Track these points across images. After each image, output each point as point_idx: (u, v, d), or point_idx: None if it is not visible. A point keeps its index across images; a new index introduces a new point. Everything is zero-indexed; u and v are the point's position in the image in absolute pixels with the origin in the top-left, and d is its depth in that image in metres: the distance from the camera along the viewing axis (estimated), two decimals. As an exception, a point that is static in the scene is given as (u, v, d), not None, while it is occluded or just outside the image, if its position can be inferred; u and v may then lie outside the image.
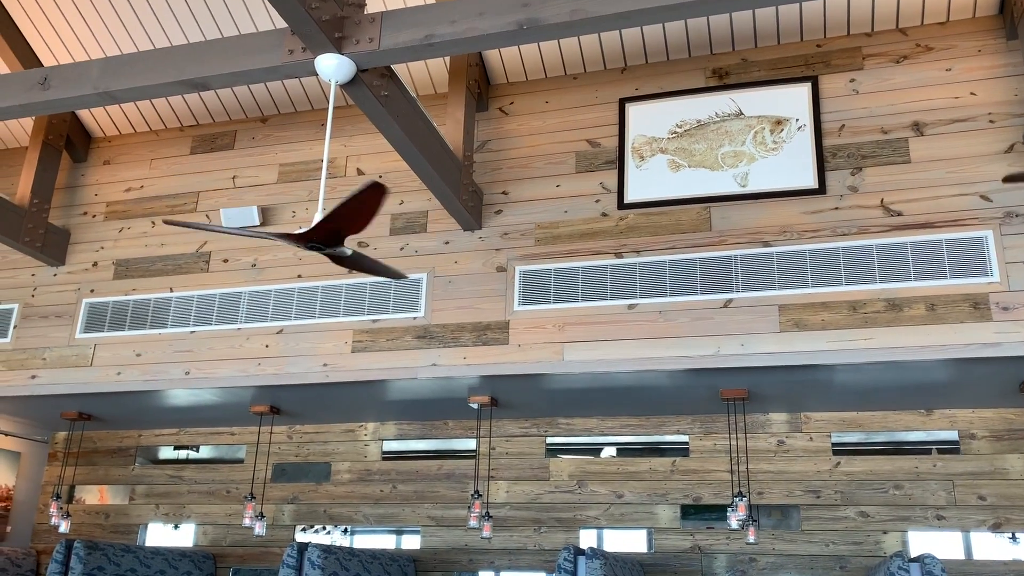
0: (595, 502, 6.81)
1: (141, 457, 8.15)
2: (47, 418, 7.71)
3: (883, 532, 6.10)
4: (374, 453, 7.53)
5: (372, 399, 6.74)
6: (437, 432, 7.42)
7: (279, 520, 7.49)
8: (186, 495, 7.86)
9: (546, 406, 6.77)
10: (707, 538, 6.46)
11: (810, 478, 6.35)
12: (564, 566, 5.31)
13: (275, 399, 6.82)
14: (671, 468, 6.71)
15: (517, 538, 6.89)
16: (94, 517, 8.02)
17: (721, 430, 6.61)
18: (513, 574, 6.87)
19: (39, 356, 6.78)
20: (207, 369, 6.37)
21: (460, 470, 7.22)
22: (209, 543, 7.66)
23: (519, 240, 6.04)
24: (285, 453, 7.71)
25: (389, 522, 7.30)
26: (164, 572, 6.98)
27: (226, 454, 7.99)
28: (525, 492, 7.00)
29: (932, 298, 5.10)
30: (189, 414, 7.42)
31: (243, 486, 7.56)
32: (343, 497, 7.45)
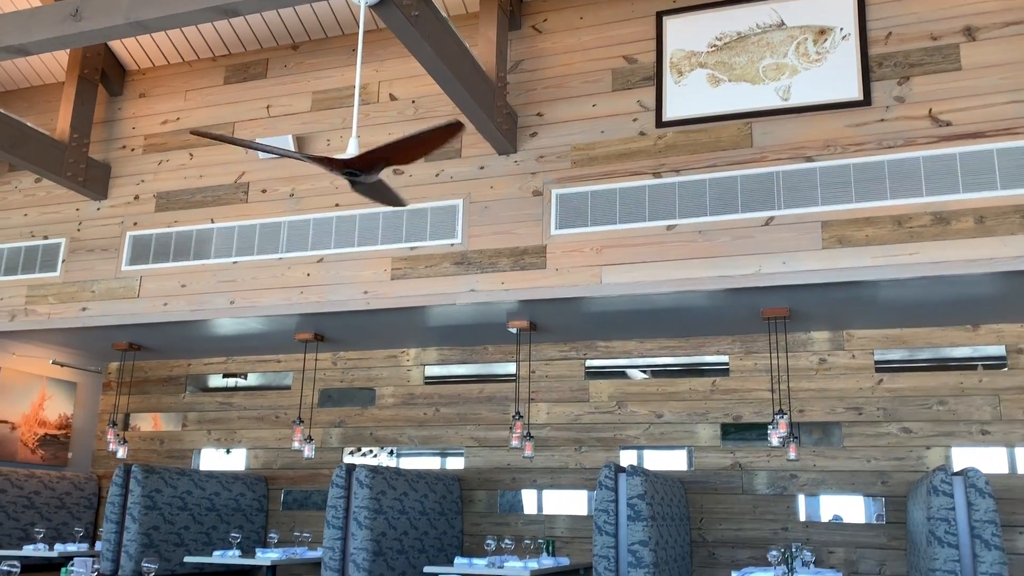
0: (635, 422, 6.88)
1: (191, 385, 8.39)
2: (99, 349, 7.94)
3: (926, 448, 6.10)
4: (417, 378, 7.66)
5: (412, 325, 6.82)
6: (477, 357, 7.51)
7: (327, 443, 7.70)
8: (236, 421, 8.10)
9: (585, 329, 6.79)
10: (747, 455, 6.52)
11: (852, 395, 6.33)
12: (605, 483, 5.40)
13: (318, 327, 6.93)
14: (711, 388, 6.73)
15: (558, 457, 7.01)
16: (149, 443, 8.33)
17: (762, 349, 6.59)
18: (555, 492, 7.03)
19: (88, 289, 6.95)
20: (251, 298, 6.48)
21: (501, 393, 7.33)
22: (261, 466, 7.92)
23: (555, 163, 5.97)
24: (331, 379, 7.88)
25: (433, 443, 7.47)
26: (218, 494, 7.25)
27: (273, 381, 8.19)
28: (565, 413, 7.09)
29: (981, 210, 4.96)
30: (236, 343, 7.59)
31: (291, 411, 7.76)
32: (388, 420, 7.63)
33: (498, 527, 7.00)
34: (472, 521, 7.17)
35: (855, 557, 6.10)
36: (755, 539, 6.30)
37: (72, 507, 7.79)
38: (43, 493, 7.54)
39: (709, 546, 6.46)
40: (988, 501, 4.53)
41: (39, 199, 7.38)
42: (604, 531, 5.32)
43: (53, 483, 7.68)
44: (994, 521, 4.51)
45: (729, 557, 6.33)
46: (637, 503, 5.29)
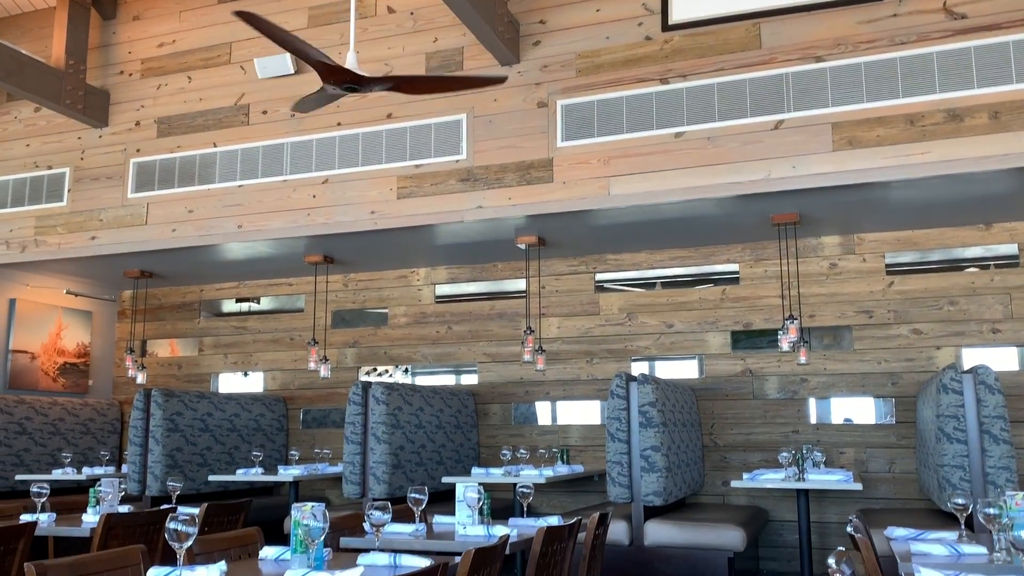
0: (645, 333, 6.93)
1: (205, 311, 8.47)
2: (111, 277, 7.99)
3: (936, 348, 6.13)
4: (428, 297, 7.70)
5: (421, 244, 6.82)
6: (487, 274, 7.53)
7: (342, 363, 7.80)
8: (252, 344, 8.20)
9: (594, 243, 6.78)
10: (758, 361, 6.57)
11: (863, 299, 6.34)
12: (617, 392, 5.47)
13: (327, 248, 6.94)
14: (721, 296, 6.74)
15: (570, 370, 7.09)
16: (168, 368, 8.46)
17: (771, 256, 6.57)
18: (568, 403, 7.13)
19: (96, 217, 6.95)
20: (258, 222, 6.47)
21: (512, 309, 7.37)
22: (278, 387, 8.06)
23: (559, 72, 5.85)
24: (343, 300, 7.93)
25: (447, 360, 7.56)
26: (238, 415, 7.40)
27: (286, 304, 8.25)
28: (576, 327, 7.14)
29: (996, 105, 4.85)
30: (246, 267, 7.62)
31: (305, 333, 7.84)
32: (401, 339, 7.70)
33: (513, 438, 7.14)
34: (487, 434, 7.31)
35: (865, 457, 6.20)
36: (766, 442, 6.41)
37: (96, 432, 7.98)
38: (67, 420, 7.71)
39: (721, 450, 6.58)
40: (997, 397, 4.58)
41: (40, 129, 7.32)
42: (616, 438, 5.41)
43: (76, 410, 7.84)
44: (1003, 416, 4.56)
45: (740, 460, 6.46)
46: (648, 410, 5.37)
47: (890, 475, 6.13)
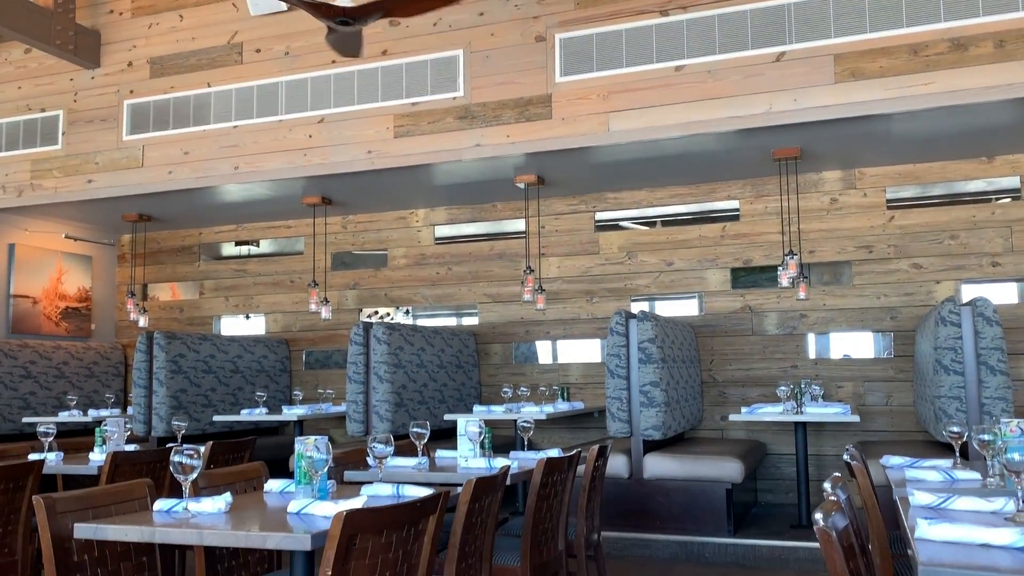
0: (645, 271, 6.93)
1: (204, 254, 8.46)
2: (110, 221, 7.96)
3: (936, 283, 6.13)
4: (427, 238, 7.68)
5: (419, 184, 6.78)
6: (486, 215, 7.50)
7: (343, 305, 7.83)
8: (252, 287, 8.22)
9: (593, 181, 6.73)
10: (757, 298, 6.59)
11: (863, 234, 6.32)
12: (616, 329, 5.50)
13: (325, 189, 6.90)
14: (721, 234, 6.73)
15: (570, 309, 7.12)
16: (169, 312, 8.49)
17: (772, 192, 6.53)
18: (568, 342, 7.17)
19: (91, 161, 6.90)
20: (254, 163, 6.42)
21: (511, 250, 7.36)
22: (280, 330, 8.10)
23: (557, 5, 5.73)
24: (342, 243, 7.92)
25: (447, 302, 7.58)
26: (241, 356, 7.45)
27: (285, 247, 8.24)
28: (576, 266, 7.14)
29: (1001, 34, 4.76)
30: (244, 209, 7.59)
31: (305, 276, 7.84)
32: (401, 281, 7.71)
33: (514, 377, 7.20)
34: (488, 373, 7.37)
35: (863, 390, 6.26)
36: (765, 378, 6.46)
37: (101, 376, 8.05)
38: (71, 363, 7.77)
39: (719, 386, 6.64)
40: (995, 329, 4.60)
41: (31, 71, 7.21)
42: (616, 374, 5.46)
43: (80, 354, 7.90)
44: (1000, 348, 4.59)
45: (739, 395, 6.52)
46: (648, 346, 5.40)
47: (887, 408, 6.20)
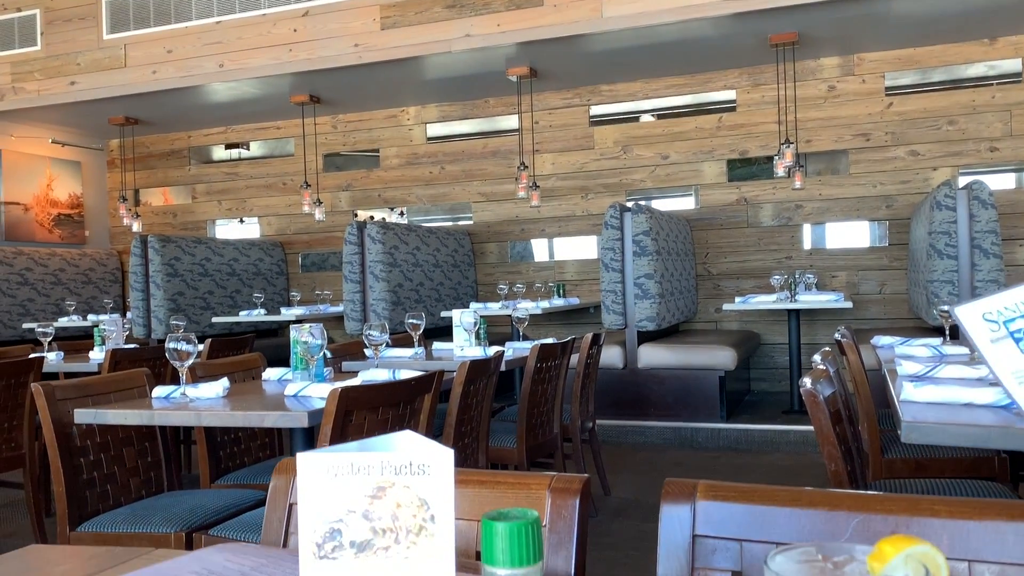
0: (641, 165, 6.86)
1: (195, 158, 8.35)
2: (96, 125, 7.82)
3: (933, 169, 6.08)
4: (419, 137, 7.57)
5: (409, 79, 6.63)
6: (479, 111, 7.36)
7: (337, 207, 7.78)
8: (244, 190, 8.14)
9: (587, 72, 6.58)
10: (753, 189, 6.54)
11: (860, 121, 6.23)
12: (611, 222, 5.48)
13: (312, 87, 6.75)
14: (717, 125, 6.62)
15: (565, 206, 7.07)
16: (163, 217, 8.44)
17: (769, 81, 6.40)
18: (564, 239, 7.16)
19: (73, 61, 6.72)
20: (239, 60, 6.26)
21: (505, 147, 7.26)
22: (275, 233, 8.07)
23: None
24: (333, 143, 7.80)
25: (441, 201, 7.53)
26: (237, 260, 7.45)
27: (276, 149, 8.13)
28: (570, 162, 7.06)
29: (1010, -96, 4.57)
30: (232, 110, 7.45)
31: (296, 178, 7.76)
32: (394, 181, 7.64)
33: (510, 275, 7.22)
34: (485, 272, 7.39)
35: (857, 279, 6.29)
36: (759, 269, 6.48)
37: (98, 282, 8.06)
38: (68, 270, 7.77)
39: (714, 278, 6.66)
40: (990, 212, 4.58)
41: (2, -32, 6.95)
42: (611, 268, 5.47)
43: (75, 260, 7.89)
44: (995, 231, 4.58)
45: (734, 287, 6.55)
46: (642, 239, 5.39)
47: (880, 296, 6.24)
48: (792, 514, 0.90)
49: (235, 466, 2.91)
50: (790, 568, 0.49)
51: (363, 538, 0.54)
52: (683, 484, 0.95)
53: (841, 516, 0.88)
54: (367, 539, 0.54)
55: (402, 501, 0.54)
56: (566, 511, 0.98)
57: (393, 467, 0.55)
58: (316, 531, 0.54)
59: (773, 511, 0.91)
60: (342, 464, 0.55)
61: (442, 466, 0.55)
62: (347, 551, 0.54)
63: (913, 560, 0.48)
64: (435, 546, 0.55)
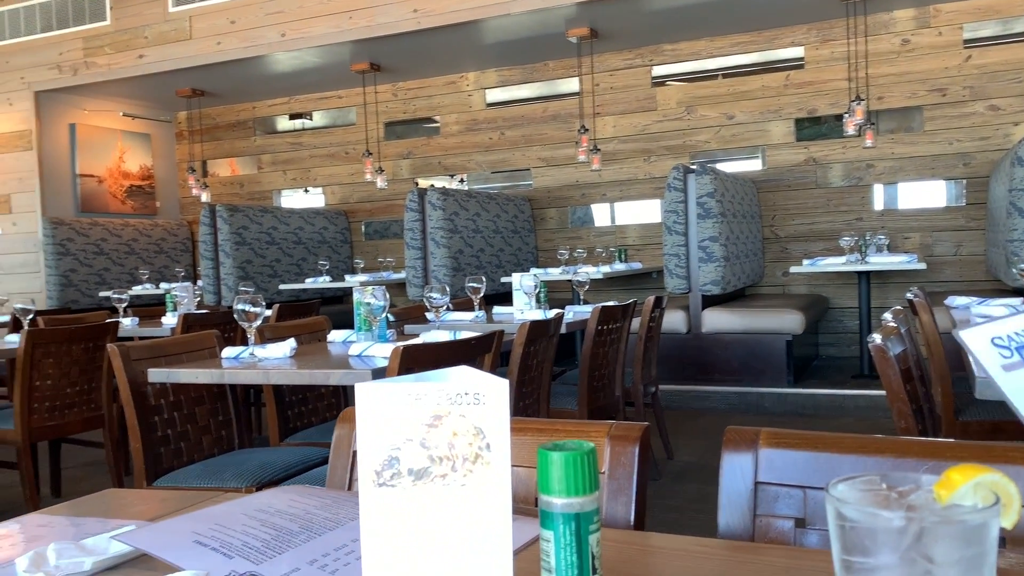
0: (705, 126, 6.72)
1: (260, 129, 8.49)
2: (164, 98, 8.00)
3: (1014, 124, 5.81)
4: (478, 103, 7.55)
5: (468, 44, 6.60)
6: (538, 75, 7.30)
7: (398, 175, 7.83)
8: (308, 160, 8.26)
9: (649, 31, 6.45)
10: (822, 149, 6.35)
11: (936, 76, 5.97)
12: (674, 184, 5.39)
13: (372, 54, 6.78)
14: (784, 83, 6.44)
15: (627, 169, 6.99)
16: (230, 187, 8.63)
17: (839, 36, 6.17)
18: (625, 203, 7.09)
19: (140, 35, 6.87)
20: (301, 28, 6.32)
21: (565, 111, 7.19)
22: (338, 202, 8.18)
23: None
24: (393, 111, 7.84)
25: (500, 166, 7.51)
26: (302, 228, 7.58)
27: (338, 118, 8.21)
28: (632, 124, 6.95)
29: None
30: (294, 80, 7.53)
31: (359, 146, 7.83)
32: (454, 148, 7.65)
33: (571, 240, 7.18)
34: (545, 237, 7.37)
35: (931, 240, 6.08)
36: (828, 231, 6.31)
37: (169, 251, 8.31)
38: (140, 240, 8.02)
39: (781, 241, 6.52)
40: (1076, 167, 4.35)
41: (73, -55, 7.12)
42: (674, 231, 5.39)
43: (148, 230, 8.13)
44: (1081, 187, 4.36)
45: (802, 250, 6.40)
46: (707, 201, 5.30)
47: (956, 258, 6.02)
48: (858, 461, 0.87)
49: (303, 425, 2.99)
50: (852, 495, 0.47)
51: (420, 466, 0.55)
52: (745, 431, 0.94)
53: (909, 463, 0.85)
54: (424, 467, 0.55)
55: (458, 430, 0.54)
56: (625, 458, 0.97)
57: (449, 397, 0.55)
58: (375, 459, 0.55)
59: (838, 458, 0.88)
60: (399, 393, 0.55)
61: (497, 396, 0.55)
62: (405, 478, 0.55)
63: (983, 488, 0.46)
64: (491, 474, 0.55)
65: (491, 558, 0.55)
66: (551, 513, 0.55)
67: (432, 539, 0.55)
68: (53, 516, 1.01)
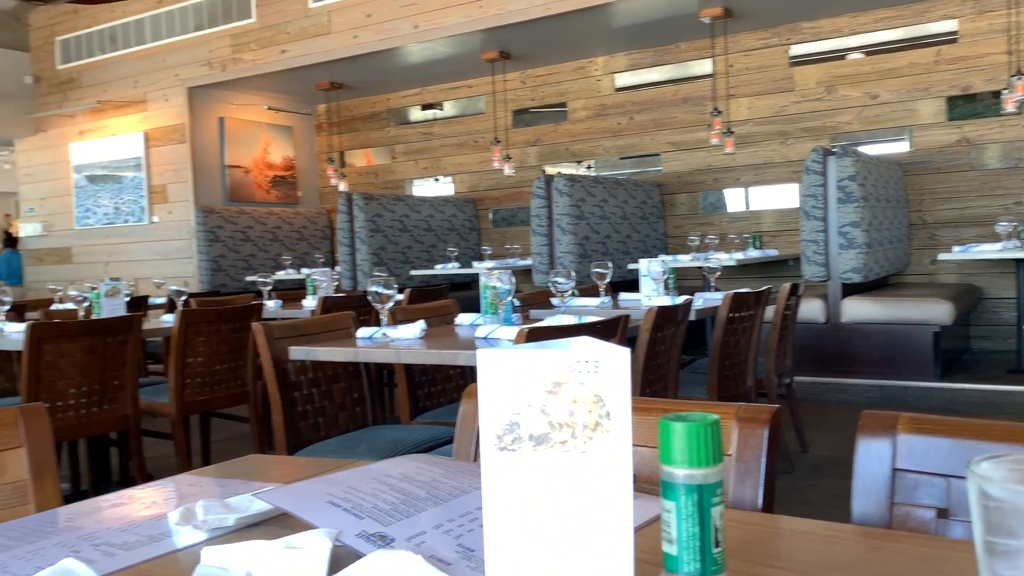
0: (846, 107, 6.40)
1: (393, 120, 8.74)
2: (305, 91, 8.36)
3: None
4: (607, 88, 7.48)
5: (598, 28, 6.55)
6: (669, 57, 7.16)
7: (525, 162, 7.88)
8: (439, 149, 8.44)
9: (787, 8, 6.20)
10: (977, 129, 5.93)
11: (1111, 46, 5.46)
12: (813, 167, 5.17)
13: (502, 42, 6.84)
14: (935, 59, 6.04)
15: (762, 153, 6.76)
16: (366, 177, 8.93)
17: (998, 6, 5.73)
18: (760, 188, 6.86)
19: (283, 31, 7.20)
20: (433, 20, 6.45)
21: (697, 93, 7.02)
22: (467, 190, 8.32)
23: None
24: (521, 98, 7.89)
25: (629, 151, 7.42)
26: (432, 216, 7.77)
27: (467, 108, 8.34)
28: (768, 106, 6.71)
29: None
30: (426, 71, 7.71)
31: (487, 135, 7.93)
32: (582, 134, 7.62)
33: (702, 227, 7.02)
34: (675, 224, 7.24)
35: (1102, 227, 5.57)
36: (983, 217, 5.90)
37: (310, 238, 8.70)
38: (284, 228, 8.44)
39: (929, 227, 6.14)
40: None
41: (223, -52, 7.53)
42: (812, 216, 5.18)
43: (290, 219, 8.55)
44: None
45: (952, 236, 6.00)
46: (847, 184, 5.06)
47: None
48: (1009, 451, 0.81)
49: (432, 405, 3.07)
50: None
51: (540, 431, 0.55)
52: (882, 416, 0.89)
53: (1071, 454, 0.79)
54: (544, 432, 0.55)
55: (578, 397, 0.54)
56: (754, 440, 0.94)
57: (569, 364, 0.55)
58: (496, 423, 0.56)
59: (985, 447, 0.83)
60: (520, 360, 0.56)
61: (617, 364, 0.55)
62: (526, 443, 0.55)
63: None
64: (611, 442, 0.54)
65: (612, 526, 0.55)
66: (673, 484, 0.54)
67: (552, 505, 0.56)
68: (202, 477, 1.08)
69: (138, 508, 0.96)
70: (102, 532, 0.84)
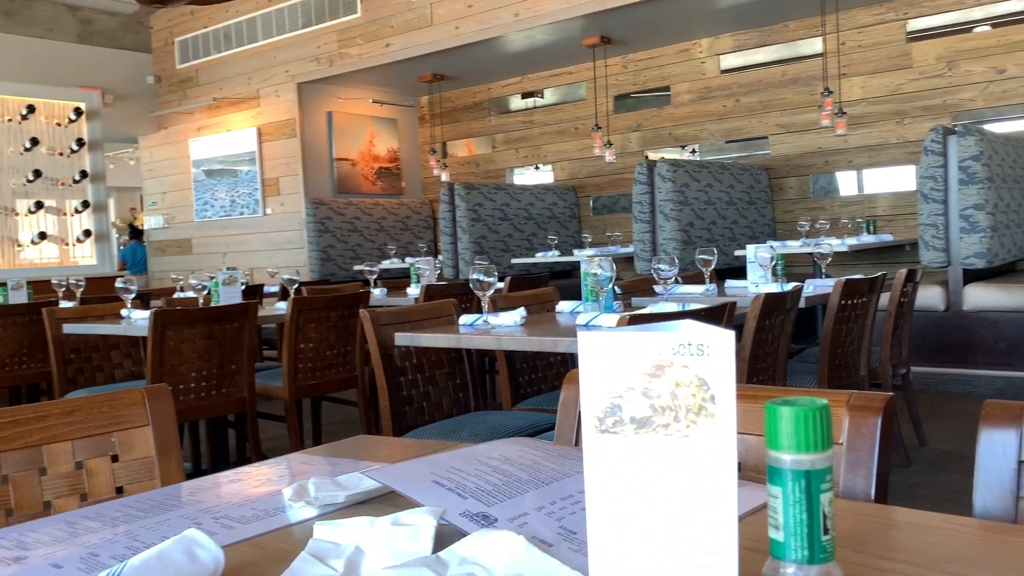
0: (970, 83, 6.05)
1: (493, 109, 8.79)
2: (408, 84, 8.51)
3: None
4: (712, 70, 7.31)
5: (702, 9, 6.40)
6: (776, 37, 6.93)
7: (627, 148, 7.79)
8: (539, 137, 8.44)
9: (903, -18, 5.90)
10: (1117, 102, 5.51)
11: None
12: (932, 147, 4.92)
13: (603, 27, 6.77)
14: (1069, 28, 5.64)
15: (876, 133, 6.47)
16: (467, 167, 9.03)
17: None
18: (874, 170, 6.57)
19: (387, 24, 7.35)
20: (533, 7, 6.44)
21: (807, 73, 6.77)
22: (567, 177, 8.30)
23: None
24: (623, 84, 7.80)
25: (735, 135, 7.24)
26: (532, 204, 7.79)
27: (568, 95, 8.30)
28: (883, 84, 6.41)
29: None
30: (526, 59, 7.71)
31: (588, 121, 7.88)
32: (685, 118, 7.47)
33: (812, 211, 6.79)
34: (783, 208, 7.02)
35: None
36: (1123, 197, 5.47)
37: (414, 228, 8.87)
38: (388, 218, 8.63)
39: (1062, 209, 5.74)
40: None
41: (329, -54, 7.73)
42: (931, 199, 4.93)
43: (394, 209, 8.73)
44: None
45: (1088, 219, 5.60)
46: (970, 165, 4.78)
47: None
48: None
49: (532, 392, 3.08)
50: None
51: (643, 415, 0.54)
52: (1008, 405, 0.84)
53: None
54: (646, 416, 0.54)
55: (681, 380, 0.54)
56: (866, 429, 0.91)
57: (671, 347, 0.54)
58: (598, 406, 0.56)
59: None
60: (621, 342, 0.55)
61: (722, 347, 0.53)
62: (627, 426, 0.55)
63: None
64: (716, 426, 0.53)
65: (715, 511, 0.54)
66: (779, 469, 0.53)
67: (655, 489, 0.55)
68: (313, 456, 1.12)
69: (254, 485, 1.00)
70: (222, 506, 0.89)
